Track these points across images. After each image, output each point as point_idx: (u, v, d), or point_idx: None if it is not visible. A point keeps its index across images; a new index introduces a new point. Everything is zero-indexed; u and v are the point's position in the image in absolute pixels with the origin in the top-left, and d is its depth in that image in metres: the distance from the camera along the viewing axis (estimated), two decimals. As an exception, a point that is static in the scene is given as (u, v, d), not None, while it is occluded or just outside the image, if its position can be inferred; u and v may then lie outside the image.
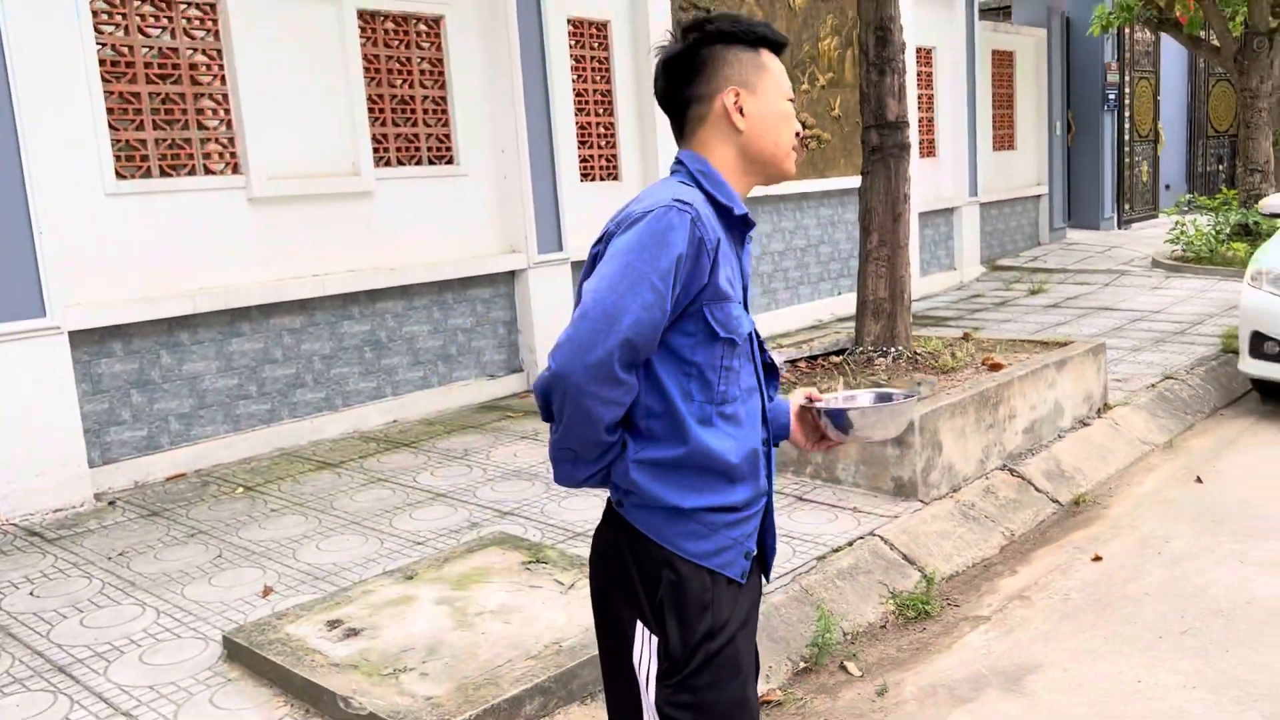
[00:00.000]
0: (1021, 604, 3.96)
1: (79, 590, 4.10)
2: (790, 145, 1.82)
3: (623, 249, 1.63)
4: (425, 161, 6.85)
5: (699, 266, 1.65)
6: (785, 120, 1.80)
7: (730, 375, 1.73)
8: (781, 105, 1.80)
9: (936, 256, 11.84)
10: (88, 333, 5.32)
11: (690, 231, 1.63)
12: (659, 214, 1.63)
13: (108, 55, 5.41)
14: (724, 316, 1.70)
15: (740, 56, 1.78)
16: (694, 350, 1.69)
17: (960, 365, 5.61)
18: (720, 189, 1.76)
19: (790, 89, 1.83)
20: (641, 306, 1.59)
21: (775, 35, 1.82)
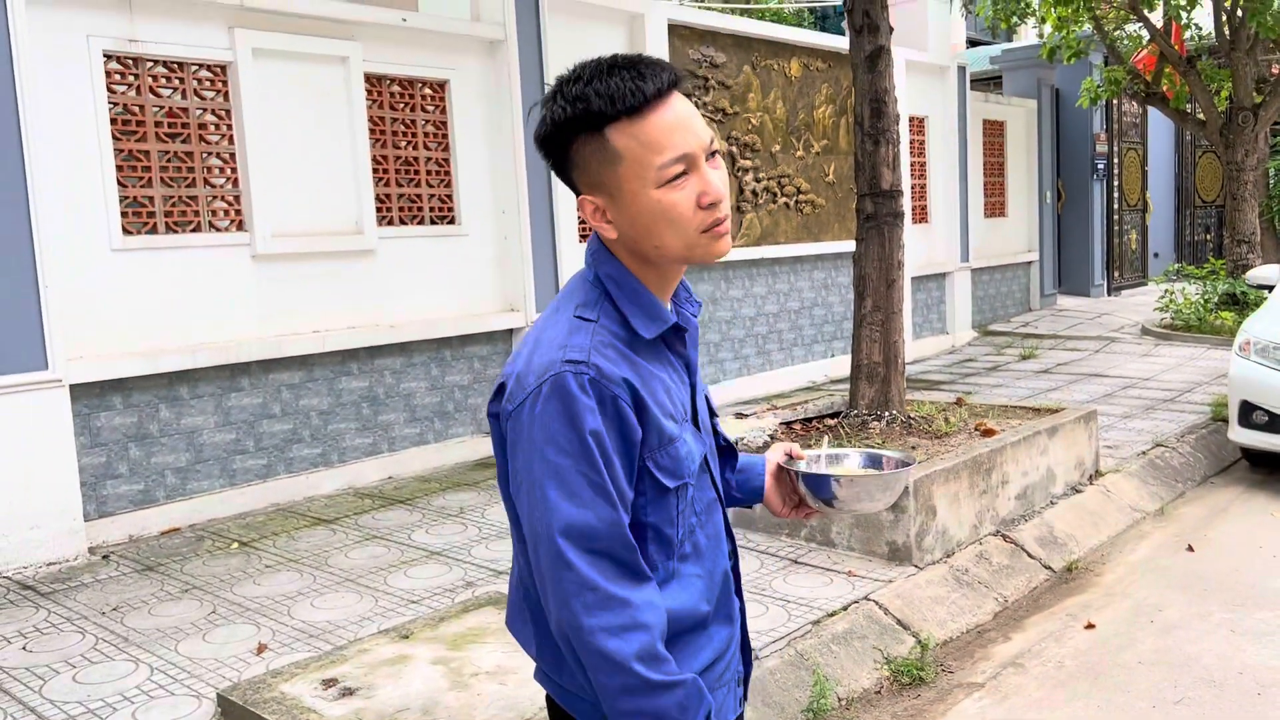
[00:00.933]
0: (1015, 671, 3.96)
1: (72, 645, 4.08)
2: (687, 234, 1.39)
3: (528, 449, 1.35)
4: (427, 221, 6.95)
5: (624, 426, 1.36)
6: (659, 216, 1.37)
7: (686, 514, 1.47)
8: (650, 200, 1.36)
9: (929, 320, 11.97)
10: (88, 386, 5.35)
11: (594, 394, 1.33)
12: (550, 389, 1.33)
13: (119, 114, 5.52)
14: (671, 462, 1.42)
15: (585, 152, 1.39)
16: (645, 512, 1.42)
17: (954, 430, 5.66)
18: (635, 301, 1.43)
19: (676, 148, 1.35)
20: (583, 506, 1.32)
21: (627, 100, 1.34)
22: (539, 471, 1.33)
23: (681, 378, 1.50)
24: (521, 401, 1.36)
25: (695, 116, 1.40)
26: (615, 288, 1.44)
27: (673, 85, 1.38)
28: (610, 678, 1.31)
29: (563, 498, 1.32)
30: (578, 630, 1.31)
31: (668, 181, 1.36)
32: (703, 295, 9.04)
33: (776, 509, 1.78)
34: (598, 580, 1.31)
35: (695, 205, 1.38)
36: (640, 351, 1.42)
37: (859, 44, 5.88)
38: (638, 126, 1.35)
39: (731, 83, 9.17)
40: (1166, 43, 12.05)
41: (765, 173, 9.61)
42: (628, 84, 1.34)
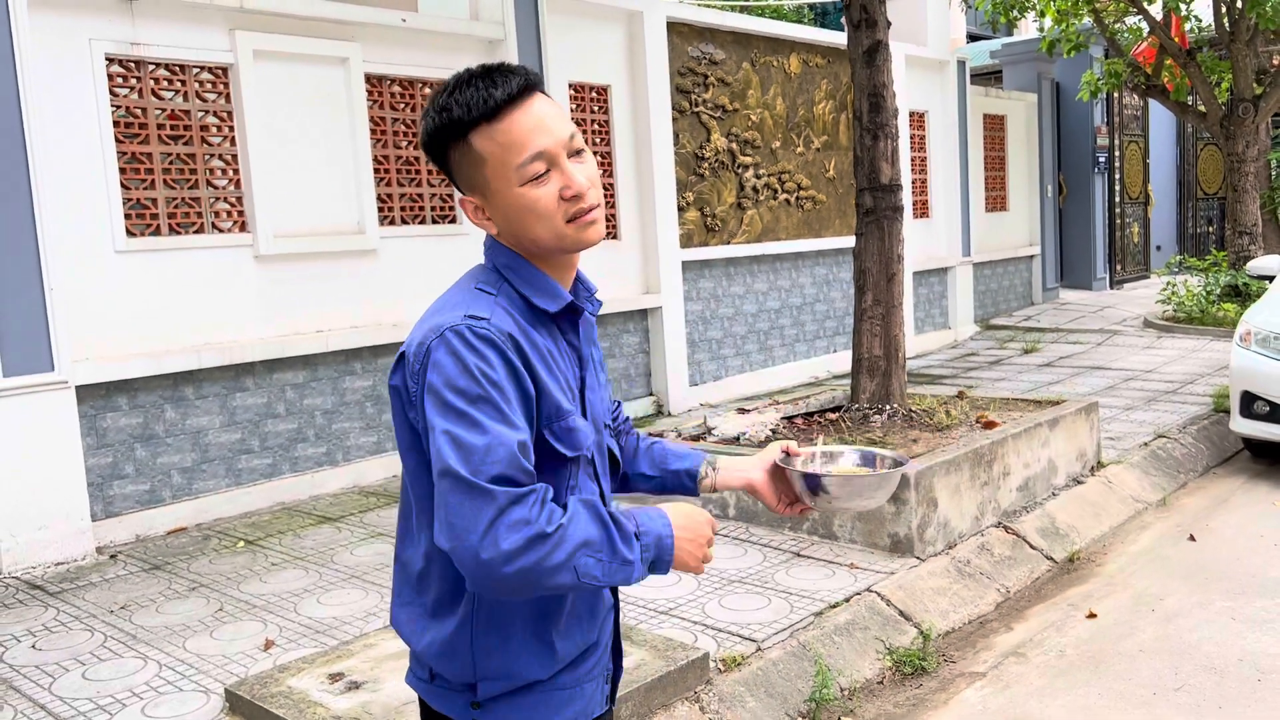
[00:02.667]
0: (1017, 660, 3.99)
1: (81, 643, 4.12)
2: (554, 225, 1.46)
3: (430, 400, 1.39)
4: (428, 220, 6.98)
5: (519, 380, 1.41)
6: (526, 213, 1.46)
7: (578, 492, 1.53)
8: (514, 197, 1.45)
9: (931, 315, 11.98)
10: (94, 387, 5.39)
11: (492, 348, 1.39)
12: (448, 338, 1.39)
13: (121, 116, 5.56)
14: (565, 433, 1.47)
15: (456, 157, 1.49)
16: (541, 476, 1.44)
17: (955, 423, 5.68)
18: (533, 282, 1.51)
19: (532, 146, 1.44)
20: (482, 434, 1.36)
21: (478, 108, 1.44)
22: (439, 414, 1.37)
23: (572, 369, 1.55)
24: (423, 356, 1.41)
25: (554, 116, 1.48)
26: (512, 274, 1.51)
27: (525, 89, 1.46)
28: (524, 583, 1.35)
29: (463, 430, 1.35)
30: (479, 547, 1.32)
31: (530, 180, 1.45)
32: (704, 292, 9.07)
33: (772, 505, 1.82)
34: (499, 499, 1.33)
35: (558, 198, 1.46)
36: (537, 327, 1.49)
37: (857, 39, 5.90)
38: (496, 130, 1.44)
39: (731, 79, 9.19)
40: (1166, 35, 12.04)
41: (766, 169, 9.63)
42: (481, 92, 1.44)
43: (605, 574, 1.40)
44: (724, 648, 3.79)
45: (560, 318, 1.54)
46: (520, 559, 1.33)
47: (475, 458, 1.35)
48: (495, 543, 1.32)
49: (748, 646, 3.81)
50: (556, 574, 1.36)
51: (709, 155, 9.01)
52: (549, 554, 1.35)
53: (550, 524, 1.36)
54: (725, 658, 3.70)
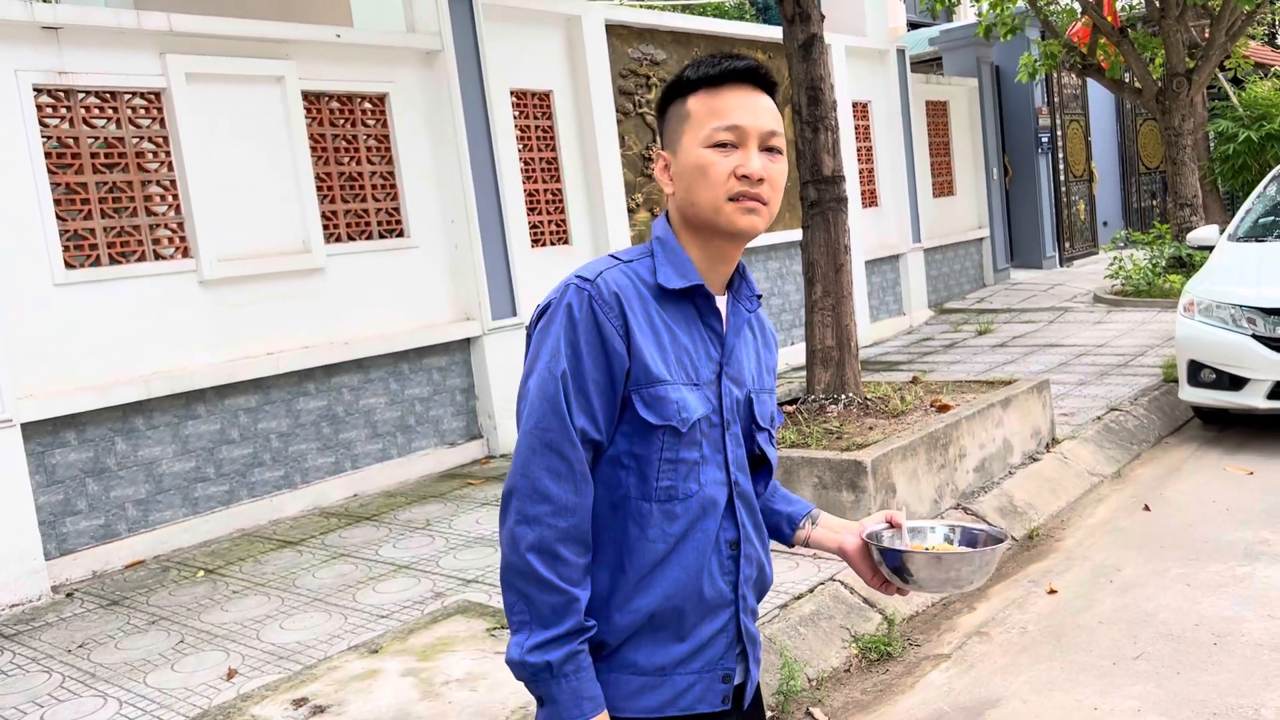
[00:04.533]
0: (980, 640, 4.03)
1: (38, 685, 4.04)
2: (717, 197, 1.53)
3: (531, 352, 1.54)
4: (376, 235, 6.93)
5: (606, 343, 1.49)
6: (697, 172, 1.53)
7: (680, 468, 1.53)
8: (696, 155, 1.54)
9: (885, 303, 12.08)
10: (41, 424, 5.29)
11: (587, 310, 1.49)
12: (556, 299, 1.53)
13: (53, 147, 5.46)
14: (654, 400, 1.50)
15: (670, 113, 1.61)
16: (628, 440, 1.52)
17: (910, 408, 5.73)
18: (672, 258, 1.57)
19: (731, 117, 1.53)
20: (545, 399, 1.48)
21: (705, 70, 1.56)
22: (529, 365, 1.53)
23: (710, 351, 1.59)
24: (538, 311, 1.57)
25: (766, 111, 1.57)
26: (659, 246, 1.60)
27: (753, 77, 1.56)
28: (507, 552, 1.48)
29: (535, 389, 1.49)
30: (507, 505, 1.49)
31: (715, 144, 1.53)
32: (658, 292, 9.06)
33: (866, 578, 1.75)
34: (535, 470, 1.47)
35: (731, 172, 1.52)
36: (664, 303, 1.56)
37: (792, 33, 5.94)
38: (713, 96, 1.55)
39: (673, 79, 9.20)
40: (1099, 14, 12.23)
41: (713, 166, 9.64)
42: (715, 65, 1.56)
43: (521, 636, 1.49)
44: (690, 647, 3.79)
45: (695, 299, 1.58)
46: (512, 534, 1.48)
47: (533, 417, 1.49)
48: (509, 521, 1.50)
49: (714, 644, 3.81)
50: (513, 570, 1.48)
51: (655, 155, 9.01)
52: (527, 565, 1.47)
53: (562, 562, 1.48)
54: (692, 656, 3.70)
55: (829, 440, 5.23)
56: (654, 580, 1.52)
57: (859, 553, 1.74)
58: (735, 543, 1.59)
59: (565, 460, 1.46)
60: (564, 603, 1.46)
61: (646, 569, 1.52)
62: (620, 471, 1.52)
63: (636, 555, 1.52)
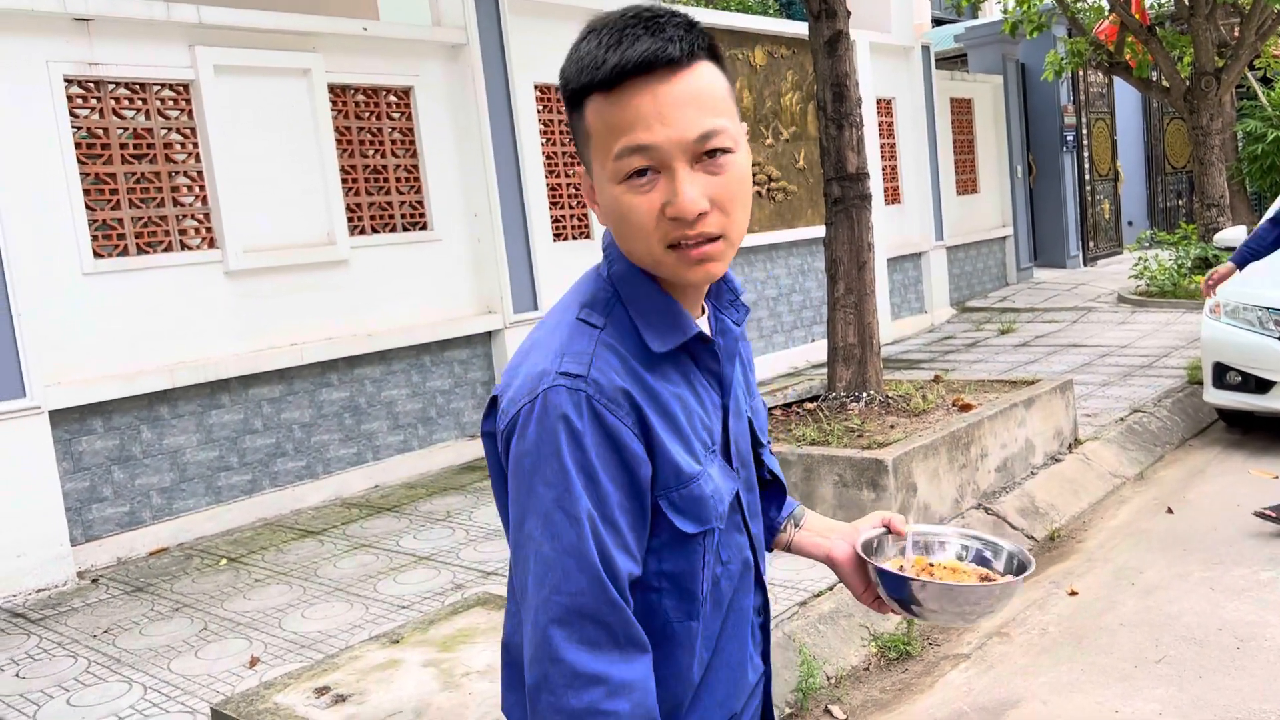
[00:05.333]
0: (1000, 640, 4.02)
1: (64, 670, 4.09)
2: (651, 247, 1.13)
3: (516, 478, 1.14)
4: (399, 228, 6.96)
5: (625, 457, 1.12)
6: (619, 219, 1.14)
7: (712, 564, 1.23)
8: (609, 194, 1.14)
9: (907, 300, 12.04)
10: (68, 411, 5.35)
11: (589, 416, 1.11)
12: (539, 409, 1.11)
13: (83, 138, 5.52)
14: (690, 504, 1.18)
15: (573, 123, 1.18)
16: (660, 559, 1.18)
17: (931, 407, 5.72)
18: (650, 309, 1.19)
19: (636, 135, 1.09)
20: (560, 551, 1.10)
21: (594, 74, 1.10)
22: (527, 506, 1.12)
23: (712, 399, 1.25)
24: (512, 421, 1.14)
25: (693, 103, 1.10)
26: (627, 289, 1.19)
27: (658, 62, 1.08)
28: None
29: (545, 539, 1.10)
30: (536, 706, 1.10)
31: (626, 178, 1.11)
32: (680, 287, 9.07)
33: (857, 593, 1.47)
34: (565, 649, 1.08)
35: (658, 213, 1.11)
36: (655, 366, 1.18)
37: (818, 29, 5.92)
38: (609, 104, 1.10)
39: (697, 74, 9.19)
40: (1127, 12, 12.13)
41: (735, 162, 9.63)
42: (599, 51, 1.10)
43: None
44: (709, 642, 3.80)
45: (690, 347, 1.22)
46: None
47: (549, 578, 1.10)
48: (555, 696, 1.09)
49: (733, 640, 3.82)
50: None
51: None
52: None
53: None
54: (711, 652, 3.71)
55: (850, 438, 5.22)
56: (704, 695, 1.25)
57: (851, 563, 1.45)
58: (762, 608, 1.36)
59: (605, 626, 1.10)
60: None
61: (697, 688, 1.24)
62: (652, 596, 1.18)
63: (684, 680, 1.22)
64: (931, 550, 1.48)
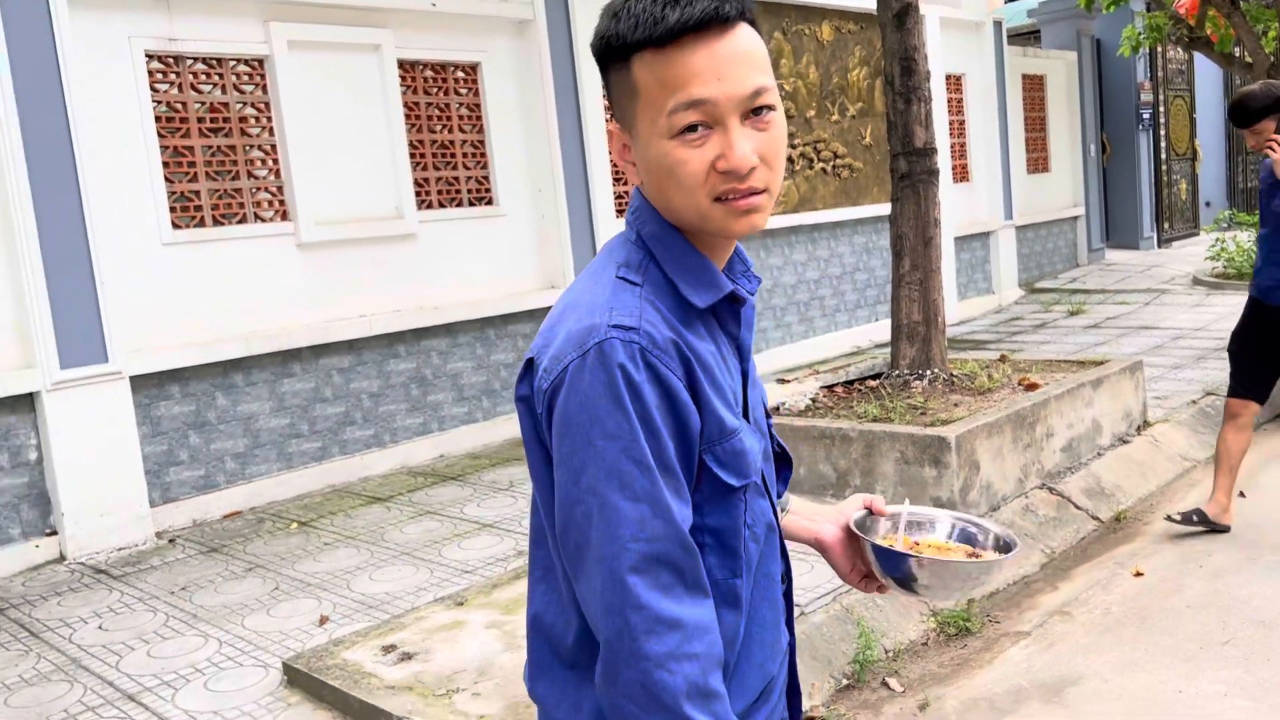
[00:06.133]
0: (1062, 619, 3.99)
1: (145, 623, 4.27)
2: (696, 197, 1.16)
3: (573, 441, 1.12)
4: (465, 203, 7.06)
5: (679, 408, 1.14)
6: (666, 173, 1.17)
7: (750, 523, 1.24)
8: (658, 150, 1.16)
9: (974, 280, 11.86)
10: (147, 377, 5.54)
11: (645, 368, 1.11)
12: (593, 360, 1.11)
13: (162, 111, 5.68)
14: (733, 458, 1.20)
15: (613, 79, 1.20)
16: (704, 514, 1.19)
17: (997, 386, 5.65)
18: (685, 264, 1.21)
19: (693, 91, 1.12)
20: (637, 501, 1.10)
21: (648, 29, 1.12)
22: (585, 460, 1.11)
23: (733, 363, 1.27)
24: (559, 376, 1.13)
25: (740, 61, 1.14)
26: (661, 247, 1.21)
27: (715, 19, 1.12)
28: (649, 714, 1.09)
29: (613, 490, 1.10)
30: (616, 658, 1.10)
31: (679, 133, 1.13)
32: (742, 264, 9.05)
33: (844, 574, 1.49)
34: (646, 596, 1.09)
35: (709, 167, 1.14)
36: (691, 323, 1.20)
37: (886, 3, 5.85)
38: (661, 59, 1.13)
39: (763, 50, 9.13)
40: (1209, -15, 11.74)
41: (801, 138, 9.58)
42: (654, 7, 1.12)
43: None
44: (767, 613, 3.83)
45: (718, 307, 1.24)
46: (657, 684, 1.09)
47: (625, 528, 1.10)
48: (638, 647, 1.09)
49: (791, 611, 3.85)
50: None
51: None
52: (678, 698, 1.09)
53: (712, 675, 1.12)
54: (769, 622, 3.74)
55: (912, 415, 5.19)
56: (748, 657, 1.26)
57: (840, 545, 1.48)
58: (786, 574, 1.37)
59: (679, 571, 1.11)
60: None
61: (738, 650, 1.24)
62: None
63: (732, 639, 1.23)
64: (921, 530, 1.51)
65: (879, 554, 1.40)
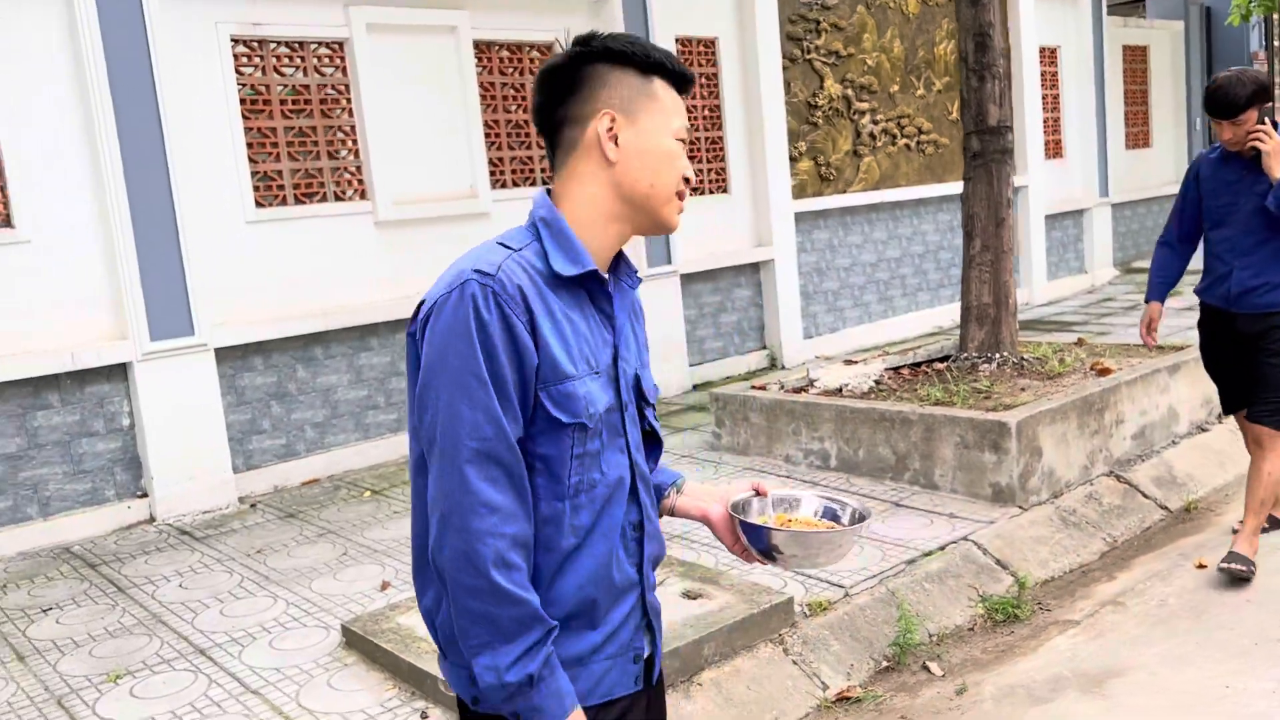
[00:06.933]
0: (1115, 609, 3.92)
1: (221, 583, 4.51)
2: (672, 191, 1.55)
3: (432, 358, 1.41)
4: (539, 182, 7.17)
5: (518, 343, 1.41)
6: (667, 160, 1.53)
7: (586, 462, 1.48)
8: (665, 142, 1.53)
9: (1065, 260, 11.53)
10: (231, 349, 5.81)
11: (495, 307, 1.39)
12: (455, 298, 1.40)
13: (247, 94, 5.91)
14: (563, 398, 1.44)
15: (626, 80, 1.52)
16: (536, 442, 1.45)
17: (1068, 370, 5.54)
18: (561, 242, 1.49)
19: (685, 128, 1.56)
20: (474, 408, 1.38)
21: (675, 65, 1.55)
22: (437, 373, 1.40)
23: (603, 335, 1.53)
24: (431, 309, 1.44)
25: None
26: (545, 229, 1.50)
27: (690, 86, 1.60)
28: (460, 577, 1.38)
29: (457, 398, 1.38)
30: (445, 528, 1.38)
31: (678, 140, 1.56)
32: (819, 243, 8.99)
33: (729, 545, 1.72)
34: (475, 483, 1.37)
35: (682, 172, 1.57)
36: (558, 291, 1.47)
37: (961, -23, 5.73)
38: (673, 94, 1.56)
39: (845, 24, 9.01)
40: (1328, -52, 11.13)
41: (883, 114, 9.43)
42: (677, 66, 1.56)
43: (486, 659, 1.39)
44: (811, 594, 3.86)
45: (587, 284, 1.51)
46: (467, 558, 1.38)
47: (463, 428, 1.38)
48: (466, 524, 1.38)
49: (835, 593, 3.87)
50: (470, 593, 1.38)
51: (822, 103, 8.88)
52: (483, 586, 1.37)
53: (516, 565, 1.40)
54: (812, 603, 3.78)
55: (976, 399, 5.13)
56: (567, 574, 1.48)
57: (723, 522, 1.70)
58: (639, 524, 1.56)
59: (503, 466, 1.39)
60: (529, 612, 1.39)
61: (560, 565, 1.47)
62: (528, 474, 1.45)
63: (552, 554, 1.47)
64: (792, 508, 1.74)
65: (745, 529, 1.63)
